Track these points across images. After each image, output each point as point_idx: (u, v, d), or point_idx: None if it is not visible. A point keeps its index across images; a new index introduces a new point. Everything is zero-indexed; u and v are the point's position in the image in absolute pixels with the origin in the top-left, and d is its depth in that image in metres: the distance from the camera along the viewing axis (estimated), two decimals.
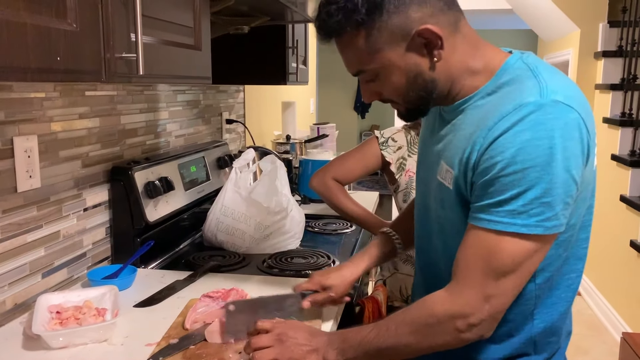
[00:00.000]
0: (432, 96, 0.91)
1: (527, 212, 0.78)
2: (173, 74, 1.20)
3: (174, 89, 1.92)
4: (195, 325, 1.09)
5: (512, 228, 0.79)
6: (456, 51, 0.88)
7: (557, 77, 0.85)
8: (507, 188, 0.78)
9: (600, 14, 3.76)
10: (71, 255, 1.38)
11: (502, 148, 0.78)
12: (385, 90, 0.92)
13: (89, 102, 1.43)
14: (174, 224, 1.73)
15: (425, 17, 0.84)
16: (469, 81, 0.90)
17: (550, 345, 0.95)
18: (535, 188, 0.77)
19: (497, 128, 0.80)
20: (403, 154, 1.77)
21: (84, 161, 1.42)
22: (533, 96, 0.79)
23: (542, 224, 0.78)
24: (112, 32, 0.92)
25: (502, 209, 0.79)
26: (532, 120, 0.77)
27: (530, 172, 0.76)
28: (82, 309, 1.13)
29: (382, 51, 0.86)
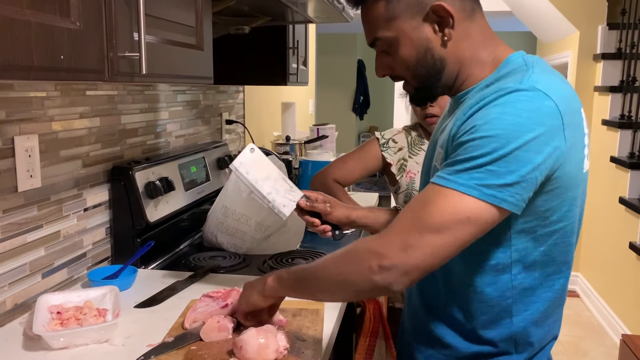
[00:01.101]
0: (440, 76, 0.94)
1: (470, 173, 0.80)
2: (175, 73, 1.20)
3: (174, 89, 1.91)
4: (195, 325, 1.09)
5: (451, 184, 0.81)
6: (468, 37, 0.92)
7: (549, 75, 0.88)
8: (464, 152, 0.81)
9: (600, 16, 3.76)
10: (71, 256, 1.37)
11: (473, 121, 0.82)
12: (396, 64, 0.96)
13: (89, 102, 1.42)
14: (174, 225, 1.73)
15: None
16: (476, 71, 0.94)
17: (532, 346, 0.95)
18: (488, 156, 0.79)
19: (476, 107, 0.84)
20: (404, 155, 1.77)
21: (84, 161, 1.41)
22: (514, 83, 0.83)
23: (480, 188, 0.79)
24: (115, 31, 0.91)
25: (453, 168, 0.82)
26: (506, 99, 0.81)
27: (489, 141, 0.79)
28: (83, 309, 1.12)
29: (397, 19, 0.91)
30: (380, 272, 0.81)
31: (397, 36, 0.92)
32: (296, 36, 2.24)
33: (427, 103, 1.06)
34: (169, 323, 1.16)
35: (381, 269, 0.81)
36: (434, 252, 0.81)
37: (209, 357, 0.98)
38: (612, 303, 3.37)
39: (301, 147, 2.71)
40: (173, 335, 1.07)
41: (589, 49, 3.80)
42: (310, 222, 1.22)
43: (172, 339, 1.05)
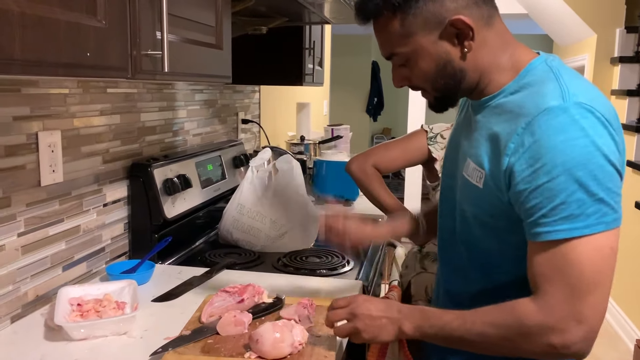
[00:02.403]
0: (460, 86, 0.93)
1: (584, 213, 0.77)
2: (195, 72, 1.22)
3: (192, 87, 1.94)
4: (211, 319, 1.11)
5: (574, 233, 0.78)
6: (487, 45, 0.90)
7: (578, 80, 0.87)
8: (555, 193, 0.78)
9: (617, 19, 3.73)
10: (90, 250, 1.40)
11: (538, 154, 0.79)
12: (414, 76, 0.94)
13: (109, 99, 1.45)
14: (191, 221, 1.75)
15: (460, 8, 0.87)
16: (496, 76, 0.92)
17: None
18: (584, 187, 0.77)
19: (527, 133, 0.81)
20: None
21: (104, 157, 1.44)
22: (556, 100, 0.81)
23: (602, 220, 0.78)
24: (138, 30, 0.94)
25: (557, 216, 0.79)
26: (561, 123, 0.79)
27: (574, 171, 0.77)
28: (102, 302, 1.15)
29: (415, 36, 0.89)
30: (566, 348, 0.80)
31: (416, 50, 0.90)
32: (312, 37, 2.26)
33: (447, 110, 1.04)
34: (186, 317, 1.17)
35: (567, 346, 0.80)
36: (605, 301, 0.81)
37: (225, 351, 1.00)
38: (627, 308, 3.34)
39: (315, 147, 2.73)
40: (190, 329, 1.09)
41: (606, 52, 3.78)
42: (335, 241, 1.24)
43: (189, 332, 1.07)
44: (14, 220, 1.15)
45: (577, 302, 0.79)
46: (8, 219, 1.14)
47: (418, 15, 0.88)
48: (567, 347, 0.80)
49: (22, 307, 1.18)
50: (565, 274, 0.79)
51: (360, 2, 0.93)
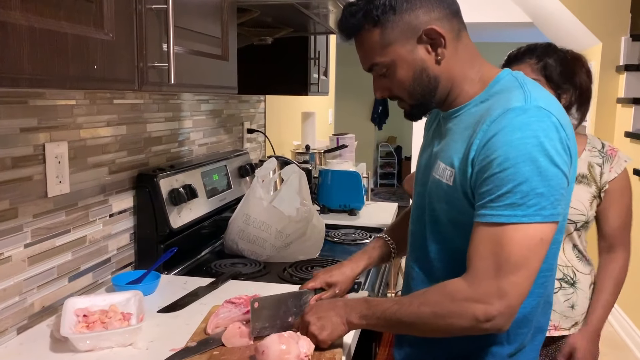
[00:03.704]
0: (435, 94, 1.00)
1: (526, 204, 0.85)
2: (201, 83, 1.22)
3: (198, 98, 1.95)
4: (217, 330, 1.10)
5: (513, 219, 0.86)
6: (457, 57, 0.99)
7: (540, 90, 0.95)
8: (503, 183, 0.86)
9: (623, 27, 3.73)
10: (96, 260, 1.40)
11: (495, 147, 0.87)
12: (394, 85, 1.01)
13: (116, 110, 1.46)
14: (196, 232, 1.75)
15: (432, 20, 0.96)
16: (466, 88, 1.00)
17: (521, 336, 1.01)
18: (529, 181, 0.85)
19: (490, 129, 0.89)
20: None
21: (111, 168, 1.45)
22: (519, 102, 0.89)
23: (540, 213, 0.85)
24: (145, 42, 0.94)
25: (501, 202, 0.86)
26: (520, 122, 0.87)
27: (522, 166, 0.85)
28: (108, 313, 1.15)
29: (393, 45, 0.97)
30: (488, 321, 0.88)
31: (394, 60, 0.98)
32: (317, 47, 2.27)
33: (422, 118, 1.10)
34: (192, 328, 1.17)
35: (488, 318, 0.88)
36: (527, 283, 0.88)
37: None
38: (636, 318, 3.31)
39: (321, 156, 2.73)
40: (196, 340, 1.09)
41: (611, 60, 3.77)
42: None
43: (195, 343, 1.07)
44: (20, 232, 1.15)
45: (501, 279, 0.86)
46: (15, 230, 1.14)
47: (395, 26, 0.96)
48: (488, 320, 0.87)
49: (29, 318, 1.18)
50: (496, 254, 0.87)
51: (342, 21, 1.01)
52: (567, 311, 1.50)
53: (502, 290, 0.86)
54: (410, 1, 0.95)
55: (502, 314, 0.87)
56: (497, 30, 5.84)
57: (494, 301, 0.86)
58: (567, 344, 1.52)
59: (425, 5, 0.95)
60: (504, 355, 1.00)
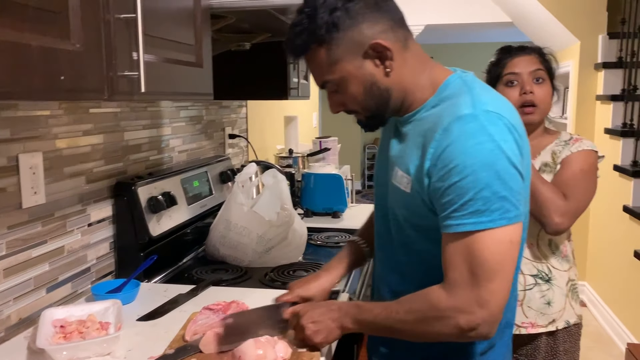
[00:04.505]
0: (388, 105, 1.01)
1: (489, 209, 0.86)
2: (175, 90, 1.23)
3: (177, 105, 1.95)
4: (195, 337, 1.11)
5: (479, 226, 0.86)
6: (407, 65, 0.99)
7: (488, 92, 0.97)
8: (464, 191, 0.87)
9: (600, 25, 3.78)
10: (75, 270, 1.40)
11: (451, 156, 0.88)
12: (347, 100, 1.02)
13: (93, 119, 1.46)
14: (177, 238, 1.75)
15: (377, 33, 0.96)
16: (418, 94, 1.01)
17: None
18: (490, 186, 0.85)
19: (444, 138, 0.89)
20: None
21: (88, 177, 1.44)
22: (468, 108, 0.90)
23: (505, 216, 0.87)
24: (114, 51, 0.95)
25: (465, 211, 0.87)
26: (472, 128, 0.88)
27: (480, 172, 0.86)
28: (86, 323, 1.15)
29: (341, 62, 0.97)
30: (472, 329, 0.89)
31: (343, 76, 0.98)
32: None
33: (378, 128, 1.10)
34: (171, 335, 1.17)
35: (472, 327, 0.89)
36: (505, 288, 0.89)
37: None
38: (619, 312, 3.35)
39: (304, 159, 2.74)
40: (174, 348, 1.09)
41: (590, 58, 3.82)
42: None
43: (173, 351, 1.07)
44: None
45: (479, 288, 0.87)
46: None
47: (341, 44, 0.96)
48: (472, 329, 0.88)
49: (5, 331, 1.18)
50: (469, 263, 0.87)
51: (288, 42, 1.01)
52: (544, 308, 1.52)
53: (481, 299, 0.87)
54: (353, 17, 0.94)
55: (486, 322, 0.88)
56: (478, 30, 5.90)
57: (475, 310, 0.87)
58: None
59: (368, 20, 0.95)
60: (476, 352, 1.02)
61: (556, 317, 1.54)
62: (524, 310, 1.53)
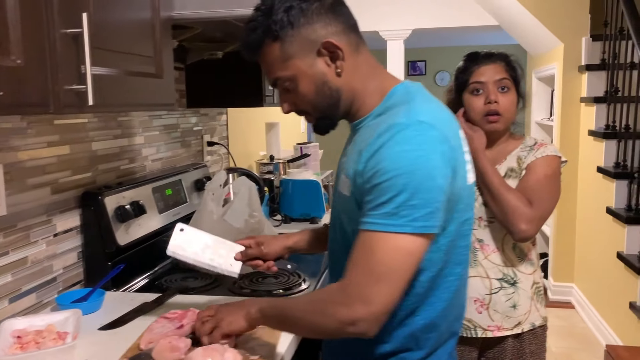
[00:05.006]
0: (338, 106, 1.03)
1: (398, 214, 0.88)
2: (132, 102, 1.25)
3: (150, 114, 1.96)
4: (150, 346, 1.11)
5: (385, 228, 0.89)
6: (357, 70, 1.02)
7: (428, 103, 1.00)
8: (382, 193, 0.89)
9: (583, 28, 3.80)
10: (40, 281, 1.41)
11: (378, 160, 0.91)
12: (298, 99, 1.04)
13: (57, 131, 1.47)
14: (150, 247, 1.76)
15: (330, 33, 0.99)
16: (367, 100, 1.03)
17: (430, 341, 1.03)
18: (404, 192, 0.88)
19: (376, 143, 0.92)
20: None
21: (54, 188, 1.45)
22: (402, 118, 0.93)
23: (411, 224, 0.89)
24: (59, 66, 0.96)
25: (379, 211, 0.90)
26: (401, 136, 0.91)
27: (399, 179, 0.88)
28: (43, 333, 1.15)
29: (293, 59, 0.99)
30: (351, 325, 0.90)
31: (296, 74, 1.00)
32: None
33: (329, 132, 1.11)
34: (129, 345, 1.18)
35: (351, 322, 0.90)
36: (393, 293, 0.91)
37: None
38: (604, 314, 3.36)
39: (285, 165, 2.75)
40: (128, 356, 1.10)
41: (573, 60, 3.83)
42: (254, 265, 1.32)
43: (126, 359, 1.08)
44: None
45: (368, 286, 0.89)
46: None
47: (294, 41, 0.99)
48: (351, 324, 0.90)
49: None
50: (367, 260, 0.90)
51: (244, 39, 1.03)
52: (509, 311, 1.53)
53: (367, 296, 0.89)
54: (307, 16, 0.98)
55: (365, 320, 0.89)
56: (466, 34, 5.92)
57: (358, 306, 0.89)
58: None
59: (322, 20, 0.99)
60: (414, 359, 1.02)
61: (522, 320, 1.55)
62: (490, 314, 1.54)
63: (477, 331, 1.55)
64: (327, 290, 0.96)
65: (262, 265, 1.32)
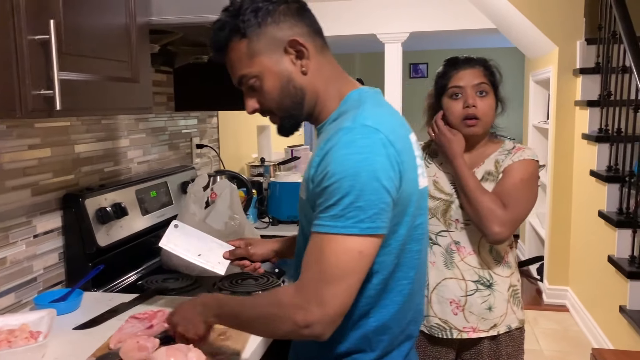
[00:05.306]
0: (302, 106, 1.05)
1: (345, 216, 0.90)
2: (107, 106, 1.27)
3: (135, 117, 1.99)
4: (119, 345, 1.14)
5: (333, 230, 0.91)
6: (321, 72, 1.05)
7: (377, 109, 1.01)
8: (330, 196, 0.92)
9: (578, 31, 3.80)
10: (19, 281, 1.43)
11: (326, 164, 0.93)
12: (263, 97, 1.05)
13: (38, 134, 1.50)
14: (133, 248, 1.78)
15: (295, 33, 1.02)
16: (328, 103, 1.06)
17: (383, 343, 1.05)
18: (350, 195, 0.90)
19: (325, 147, 0.95)
20: None
21: (34, 190, 1.48)
22: (349, 122, 0.96)
23: (358, 225, 0.90)
24: (27, 71, 0.98)
25: (327, 214, 0.92)
26: (346, 140, 0.93)
27: (344, 181, 0.90)
28: (16, 332, 1.18)
29: (259, 56, 1.02)
30: (306, 327, 0.91)
31: (262, 71, 1.02)
32: None
33: (294, 133, 1.12)
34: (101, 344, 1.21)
35: (306, 325, 0.91)
36: (347, 295, 0.92)
37: None
38: (597, 317, 3.36)
39: (275, 168, 2.78)
40: (97, 355, 1.12)
41: (568, 64, 3.83)
42: (241, 265, 1.34)
43: (94, 358, 1.10)
44: None
45: (322, 288, 0.90)
46: None
47: (261, 38, 1.01)
48: (306, 326, 0.91)
49: None
50: (319, 263, 0.91)
51: (212, 38, 1.05)
52: (485, 313, 1.54)
53: (321, 299, 0.90)
54: (274, 16, 1.01)
55: (320, 322, 0.91)
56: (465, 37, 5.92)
57: (313, 309, 0.90)
58: None
59: (288, 21, 1.02)
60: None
61: (497, 322, 1.56)
62: (466, 315, 1.55)
63: (453, 332, 1.56)
64: (283, 292, 0.97)
65: (249, 265, 1.34)
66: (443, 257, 1.57)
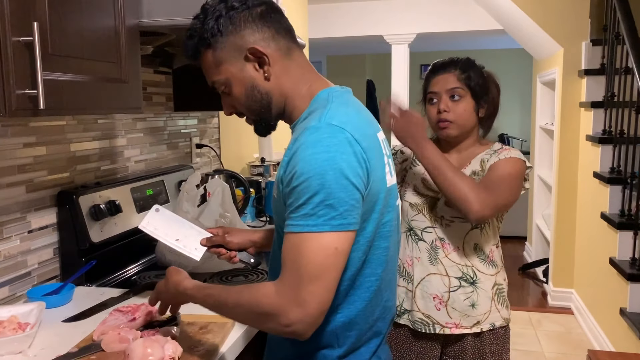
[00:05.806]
0: (270, 109, 1.08)
1: (316, 214, 0.92)
2: (95, 106, 1.31)
3: (133, 116, 2.03)
4: (102, 337, 1.17)
5: (306, 228, 0.93)
6: (288, 73, 1.07)
7: (344, 108, 1.03)
8: (299, 196, 0.93)
9: (583, 32, 3.78)
10: (13, 275, 1.48)
11: (294, 164, 0.95)
12: (234, 102, 1.10)
13: (34, 132, 1.55)
14: (128, 245, 1.83)
15: (258, 40, 1.05)
16: (298, 103, 1.08)
17: (350, 339, 1.06)
18: (319, 193, 0.92)
19: (292, 147, 0.97)
20: (406, 166, 1.73)
21: (29, 187, 1.53)
22: (315, 121, 0.98)
23: (329, 223, 0.92)
24: (11, 71, 1.03)
25: (298, 213, 0.93)
26: (312, 139, 0.95)
27: (312, 180, 0.92)
28: (4, 323, 1.22)
29: (224, 64, 1.06)
30: (288, 327, 0.93)
31: (228, 78, 1.07)
32: None
33: (270, 132, 1.15)
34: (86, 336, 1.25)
35: (287, 324, 0.93)
36: (325, 292, 0.93)
37: None
38: (599, 320, 3.34)
39: (275, 168, 2.80)
40: (79, 346, 1.16)
41: (573, 65, 3.82)
42: (217, 253, 1.35)
43: (77, 349, 1.14)
44: None
45: (301, 288, 0.92)
46: None
47: (224, 47, 1.05)
48: (287, 326, 0.93)
49: None
50: (296, 262, 0.93)
51: (184, 47, 1.10)
52: (468, 310, 1.56)
53: (300, 298, 0.91)
54: (235, 24, 1.04)
55: (301, 322, 0.92)
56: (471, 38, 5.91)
57: (293, 309, 0.91)
58: None
59: (250, 27, 1.04)
60: (334, 357, 1.05)
61: (481, 319, 1.57)
62: (448, 311, 1.57)
63: (436, 327, 1.58)
64: (263, 294, 0.96)
65: (224, 253, 1.35)
66: (428, 253, 1.59)
